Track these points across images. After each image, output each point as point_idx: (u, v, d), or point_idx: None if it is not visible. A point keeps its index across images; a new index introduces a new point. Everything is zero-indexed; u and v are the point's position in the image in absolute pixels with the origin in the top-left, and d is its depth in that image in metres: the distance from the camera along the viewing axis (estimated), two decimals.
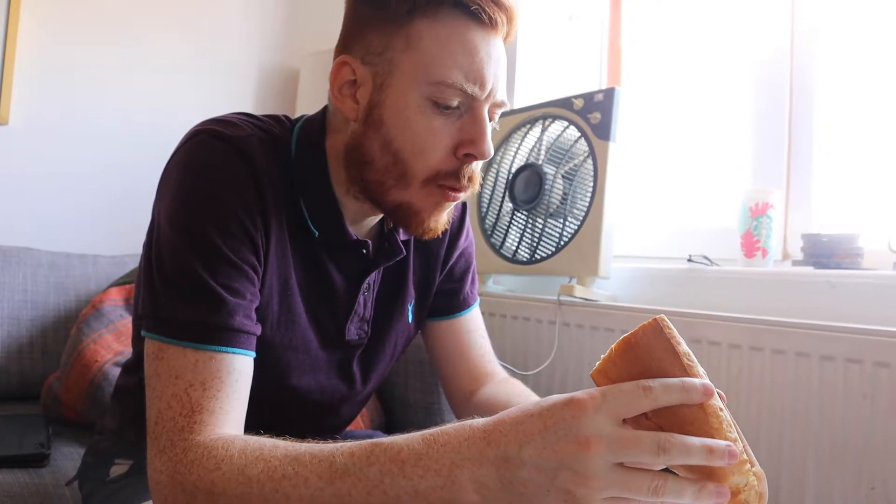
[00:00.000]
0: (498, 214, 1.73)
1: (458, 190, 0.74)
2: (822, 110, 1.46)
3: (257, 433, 0.63)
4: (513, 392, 0.90)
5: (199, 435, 0.61)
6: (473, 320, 0.98)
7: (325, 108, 0.81)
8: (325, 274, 0.79)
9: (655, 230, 1.72)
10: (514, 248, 1.67)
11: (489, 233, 1.74)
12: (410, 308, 0.91)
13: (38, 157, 1.84)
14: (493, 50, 0.72)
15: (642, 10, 1.85)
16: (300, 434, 0.82)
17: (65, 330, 1.55)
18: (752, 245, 1.41)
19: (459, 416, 0.95)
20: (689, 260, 1.48)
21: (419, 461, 0.53)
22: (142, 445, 0.76)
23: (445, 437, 0.54)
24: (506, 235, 1.70)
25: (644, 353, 0.53)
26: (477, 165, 0.74)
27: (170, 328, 0.65)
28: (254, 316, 0.70)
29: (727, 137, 1.62)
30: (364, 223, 0.81)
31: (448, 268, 0.94)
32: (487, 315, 1.71)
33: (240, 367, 0.66)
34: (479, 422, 0.54)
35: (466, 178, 0.73)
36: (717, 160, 1.65)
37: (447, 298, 0.95)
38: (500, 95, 0.74)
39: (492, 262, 1.71)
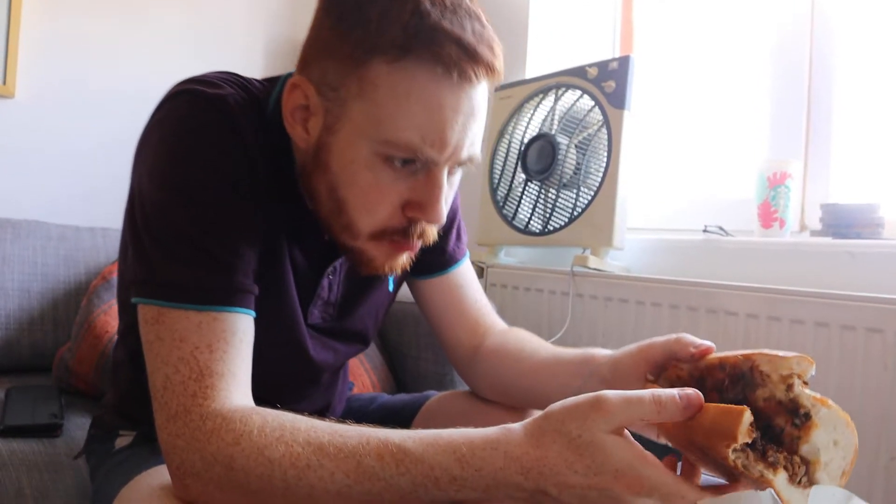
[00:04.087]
0: (510, 185, 1.70)
1: (407, 246, 0.69)
2: (842, 78, 1.42)
3: (271, 405, 0.61)
4: (522, 339, 0.87)
5: (213, 402, 0.59)
6: (464, 274, 0.94)
7: None
8: (290, 252, 0.75)
9: (670, 201, 1.69)
10: (526, 219, 1.65)
11: (501, 204, 1.71)
12: (391, 279, 0.87)
13: (45, 130, 1.82)
14: (463, 104, 0.63)
15: None
16: (286, 401, 0.80)
17: (75, 302, 1.54)
18: (769, 215, 1.38)
19: (466, 375, 0.92)
20: (705, 231, 1.46)
21: (454, 481, 0.54)
22: (143, 417, 0.74)
23: (480, 462, 0.54)
24: (518, 206, 1.68)
25: None
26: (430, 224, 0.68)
27: (168, 292, 0.63)
28: (251, 276, 0.67)
29: (744, 106, 1.59)
30: None
31: None
32: (500, 287, 1.70)
33: (243, 327, 0.64)
34: (513, 449, 0.54)
35: (416, 235, 0.68)
36: (733, 130, 1.62)
37: (433, 256, 0.90)
38: (468, 152, 0.66)
39: (504, 233, 1.69)
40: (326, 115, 0.66)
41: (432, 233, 0.70)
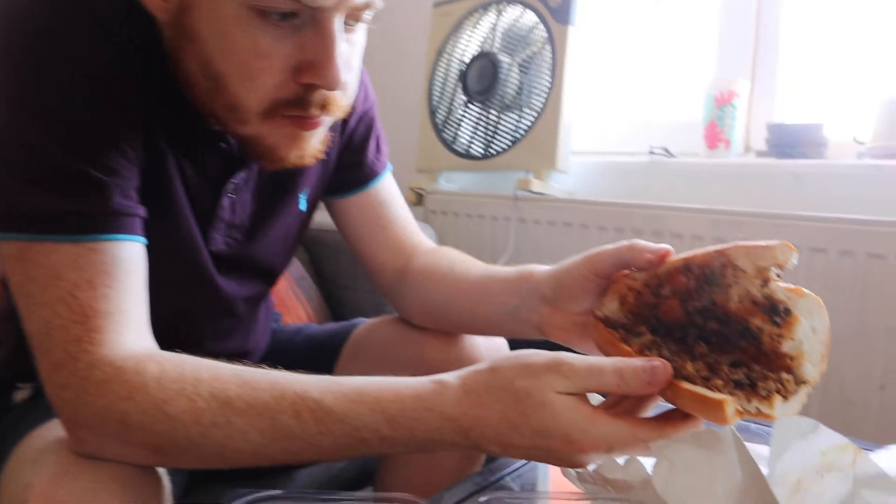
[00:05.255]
0: (450, 108, 1.62)
1: (307, 121, 0.58)
2: None
3: (192, 347, 0.54)
4: (452, 259, 0.81)
5: (102, 347, 0.51)
6: (386, 190, 0.85)
7: None
8: (179, 167, 0.65)
9: (615, 123, 1.65)
10: (467, 142, 1.58)
11: (440, 127, 1.63)
12: (304, 197, 0.78)
13: None
14: None
15: None
16: (206, 340, 0.72)
17: None
18: (715, 136, 1.35)
19: (393, 300, 0.85)
20: (650, 153, 1.42)
21: (383, 441, 0.49)
22: (34, 369, 0.67)
23: (412, 423, 0.49)
24: (458, 130, 1.60)
25: None
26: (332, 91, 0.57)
27: (31, 223, 0.53)
28: (134, 196, 0.58)
29: (692, 24, 1.54)
30: None
31: (347, 137, 0.80)
32: (440, 214, 1.64)
33: (128, 257, 0.56)
34: (450, 408, 0.49)
35: (317, 106, 0.57)
36: (680, 49, 1.57)
37: (351, 171, 0.82)
38: None
39: (443, 158, 1.62)
40: None
41: (337, 103, 0.58)
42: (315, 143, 0.61)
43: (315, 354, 0.89)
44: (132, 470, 0.51)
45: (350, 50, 0.58)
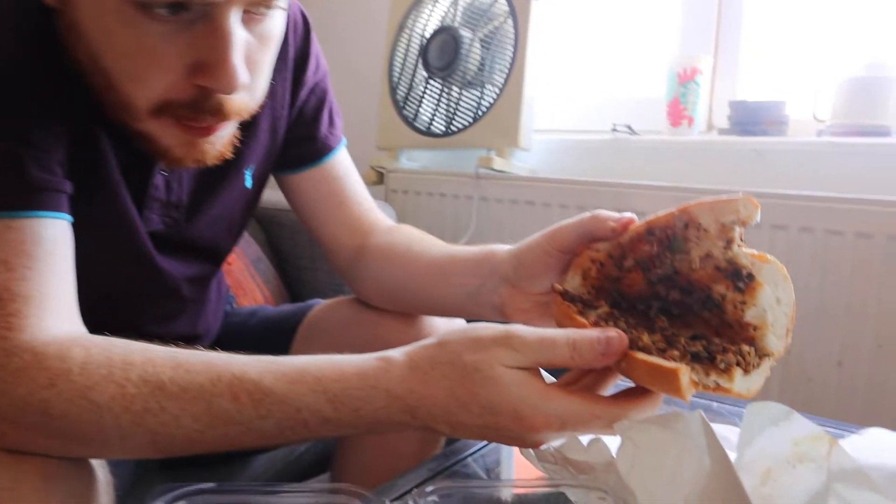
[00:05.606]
0: (410, 84, 1.58)
1: (199, 127, 0.54)
2: None
3: (99, 331, 0.50)
4: (411, 237, 0.77)
5: (21, 333, 0.47)
6: (341, 164, 0.81)
7: None
8: (113, 142, 0.61)
9: (578, 101, 1.63)
10: (428, 119, 1.55)
11: (401, 104, 1.59)
12: (249, 173, 0.74)
13: None
14: None
15: None
16: (149, 324, 0.68)
17: None
18: (678, 113, 1.34)
19: (350, 280, 0.82)
20: (613, 130, 1.41)
21: (326, 423, 0.46)
22: None
23: (357, 402, 0.46)
24: (419, 106, 1.56)
25: None
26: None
27: None
28: (57, 170, 0.53)
29: (655, 1, 1.52)
30: None
31: (297, 110, 0.77)
32: (401, 193, 1.60)
33: (51, 235, 0.51)
34: (395, 386, 0.46)
35: (210, 112, 0.52)
36: (643, 25, 1.55)
37: (303, 145, 0.78)
38: None
39: (404, 135, 1.58)
40: None
41: (237, 108, 0.54)
42: (217, 147, 0.57)
43: (269, 336, 0.85)
44: (59, 463, 0.47)
45: (257, 45, 0.53)
